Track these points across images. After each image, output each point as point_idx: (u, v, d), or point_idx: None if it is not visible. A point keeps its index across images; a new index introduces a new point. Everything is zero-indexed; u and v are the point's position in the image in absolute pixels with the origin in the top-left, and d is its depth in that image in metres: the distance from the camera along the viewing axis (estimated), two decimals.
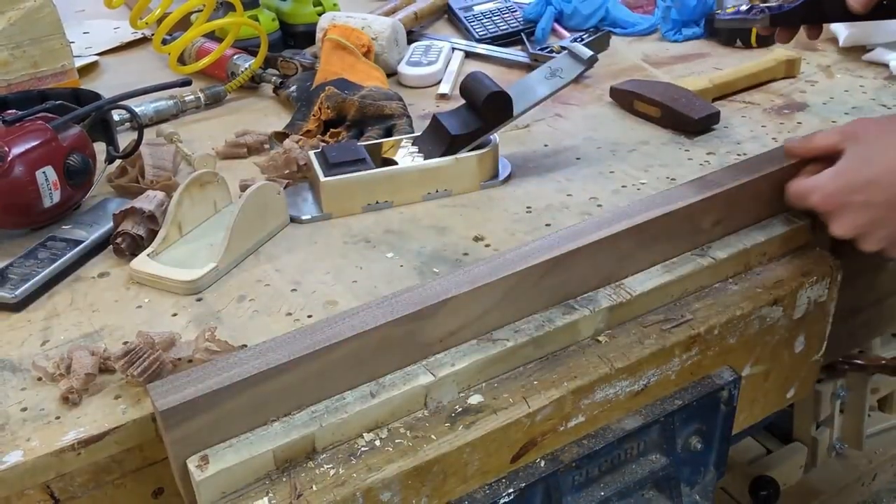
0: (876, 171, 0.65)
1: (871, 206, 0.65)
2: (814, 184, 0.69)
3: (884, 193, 0.65)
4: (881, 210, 0.65)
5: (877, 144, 0.67)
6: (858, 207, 0.66)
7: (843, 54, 1.12)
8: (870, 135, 0.68)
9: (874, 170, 0.65)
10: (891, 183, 0.64)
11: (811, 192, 0.68)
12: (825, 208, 0.68)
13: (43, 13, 1.00)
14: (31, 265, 0.71)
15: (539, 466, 0.62)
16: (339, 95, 0.94)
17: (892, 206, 0.65)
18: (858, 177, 0.66)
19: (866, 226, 0.66)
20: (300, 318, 0.66)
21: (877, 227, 0.66)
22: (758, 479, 1.42)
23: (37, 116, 0.78)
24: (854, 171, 0.66)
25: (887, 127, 0.68)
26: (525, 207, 0.80)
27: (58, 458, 0.54)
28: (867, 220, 0.66)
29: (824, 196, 0.67)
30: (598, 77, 1.09)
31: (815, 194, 0.68)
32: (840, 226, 0.67)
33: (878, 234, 0.66)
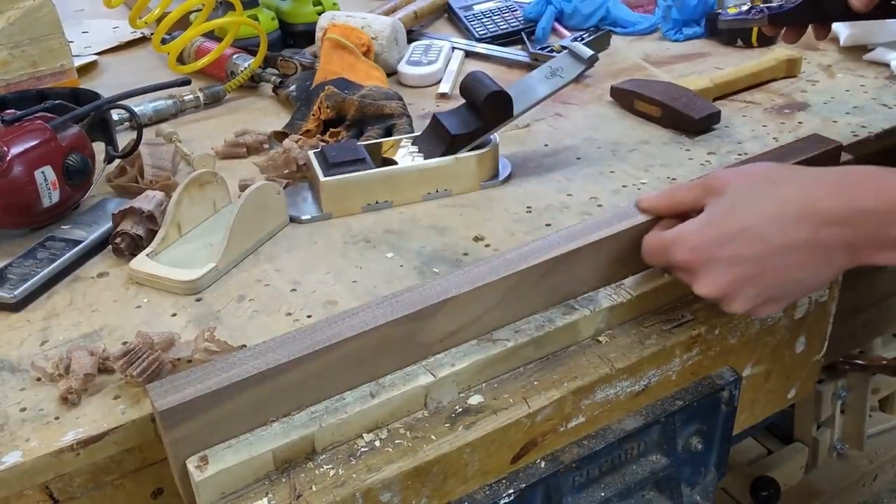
0: (744, 222, 0.58)
1: (740, 262, 0.58)
2: (675, 235, 0.60)
3: (752, 247, 0.57)
4: (751, 265, 0.58)
5: (743, 194, 0.59)
6: (727, 263, 0.58)
7: (844, 54, 1.12)
8: (735, 185, 0.60)
9: (742, 221, 0.58)
10: (760, 236, 0.57)
11: (673, 245, 0.60)
12: (689, 264, 0.59)
13: (42, 12, 1.00)
14: (30, 265, 0.71)
15: (539, 467, 0.62)
16: (339, 95, 0.94)
17: (761, 260, 0.57)
18: (726, 228, 0.58)
19: (734, 283, 0.58)
20: (300, 318, 0.65)
21: (746, 285, 0.58)
22: (758, 479, 1.42)
23: (36, 116, 0.78)
24: (721, 222, 0.58)
25: (752, 176, 0.60)
26: (525, 207, 0.80)
27: (57, 458, 0.54)
28: (736, 276, 0.58)
29: (690, 250, 0.59)
30: (599, 76, 1.09)
31: (678, 247, 0.60)
32: (705, 284, 0.59)
33: (748, 292, 0.59)
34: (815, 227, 0.56)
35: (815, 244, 0.56)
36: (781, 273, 0.58)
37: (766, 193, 0.58)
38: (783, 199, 0.58)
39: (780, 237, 0.57)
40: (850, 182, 0.57)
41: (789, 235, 0.56)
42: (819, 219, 0.56)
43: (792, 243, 0.56)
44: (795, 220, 0.56)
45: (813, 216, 0.56)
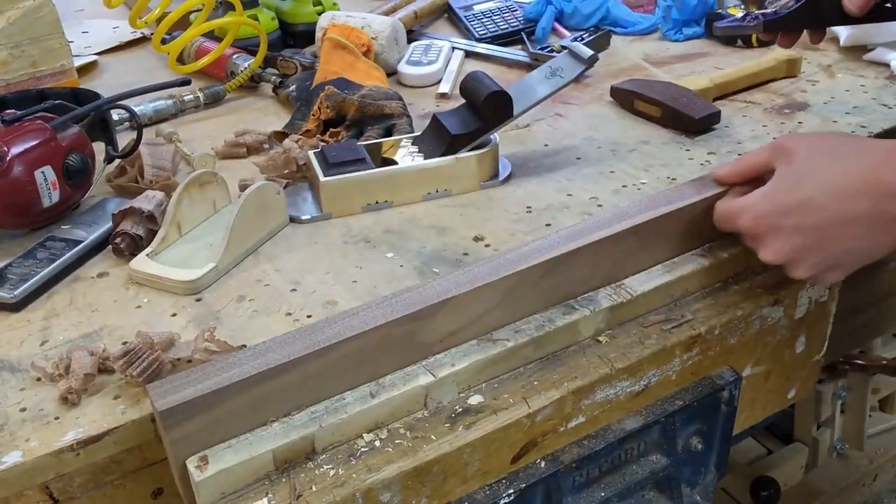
0: (807, 193, 0.60)
1: (801, 231, 0.61)
2: (742, 204, 0.64)
3: (815, 217, 0.60)
4: (812, 235, 0.61)
5: (807, 165, 0.62)
6: (789, 231, 0.61)
7: (844, 54, 1.12)
8: (800, 154, 0.62)
9: (805, 192, 0.60)
10: (822, 206, 0.60)
11: (740, 214, 0.64)
12: (755, 231, 0.63)
13: (42, 12, 1.00)
14: (30, 265, 0.71)
15: (539, 467, 0.62)
16: (339, 95, 0.94)
17: (822, 230, 0.60)
18: (789, 199, 0.61)
19: (797, 251, 0.61)
20: (300, 318, 0.65)
21: (807, 254, 0.61)
22: (758, 479, 1.42)
23: (36, 116, 0.78)
24: (785, 192, 0.61)
25: (818, 146, 0.63)
26: (525, 207, 0.80)
27: (57, 458, 0.54)
28: (798, 244, 0.61)
29: (754, 218, 0.63)
30: (599, 76, 1.09)
31: (745, 216, 0.63)
32: (770, 250, 0.62)
33: (809, 260, 0.62)
34: (875, 199, 0.58)
35: (875, 216, 0.59)
36: (842, 243, 0.60)
37: (830, 164, 0.61)
38: (846, 171, 0.60)
39: (842, 209, 0.59)
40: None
41: (850, 207, 0.59)
42: (880, 192, 0.58)
43: (852, 215, 0.59)
44: (857, 193, 0.59)
45: (874, 189, 0.58)
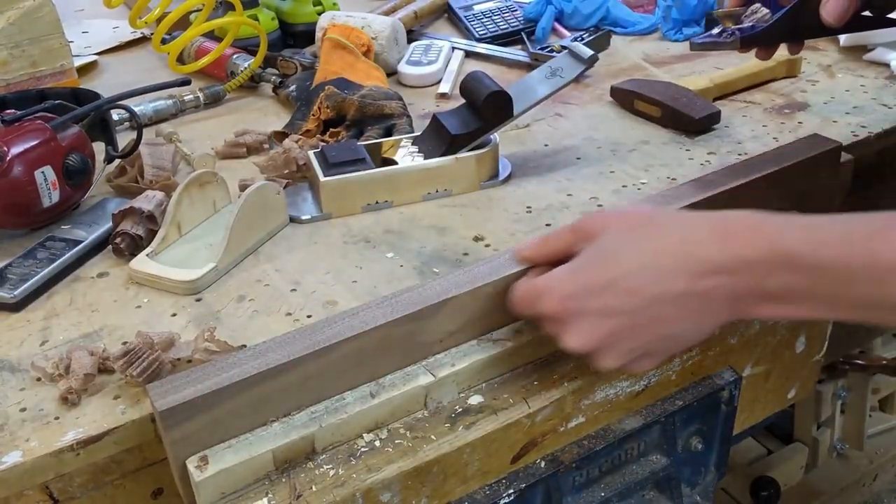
0: (617, 271, 0.53)
1: (611, 314, 0.53)
2: (545, 284, 0.55)
3: (625, 298, 0.52)
4: (623, 319, 0.53)
5: (616, 242, 0.54)
6: (597, 315, 0.53)
7: (844, 54, 1.12)
8: (607, 232, 0.55)
9: (615, 271, 0.53)
10: (633, 286, 0.52)
11: (542, 295, 0.55)
12: (558, 315, 0.54)
13: (42, 12, 1.00)
14: (30, 265, 0.71)
15: (539, 467, 0.62)
16: (339, 95, 0.94)
17: (634, 313, 0.52)
18: (597, 278, 0.53)
19: (606, 338, 0.53)
20: (300, 318, 0.65)
21: (617, 340, 0.53)
22: (758, 479, 1.42)
23: (36, 116, 0.78)
24: (592, 271, 0.54)
25: (627, 222, 0.55)
26: (525, 207, 0.80)
27: (57, 458, 0.54)
28: (607, 330, 0.53)
29: (559, 300, 0.54)
30: (599, 76, 1.09)
31: (547, 297, 0.54)
32: (575, 337, 0.54)
33: (619, 348, 0.54)
34: (693, 277, 0.51)
35: (693, 295, 0.51)
36: (657, 326, 0.53)
37: (642, 240, 0.53)
38: (660, 246, 0.53)
39: (656, 288, 0.52)
40: (730, 229, 0.52)
41: (665, 286, 0.51)
42: (698, 268, 0.51)
43: (668, 294, 0.52)
44: (672, 270, 0.52)
45: (691, 265, 0.51)
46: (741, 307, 0.52)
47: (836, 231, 0.50)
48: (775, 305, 0.51)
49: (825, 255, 0.48)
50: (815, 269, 0.49)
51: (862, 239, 0.48)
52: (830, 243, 0.49)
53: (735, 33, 0.75)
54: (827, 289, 0.49)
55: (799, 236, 0.50)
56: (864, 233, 0.48)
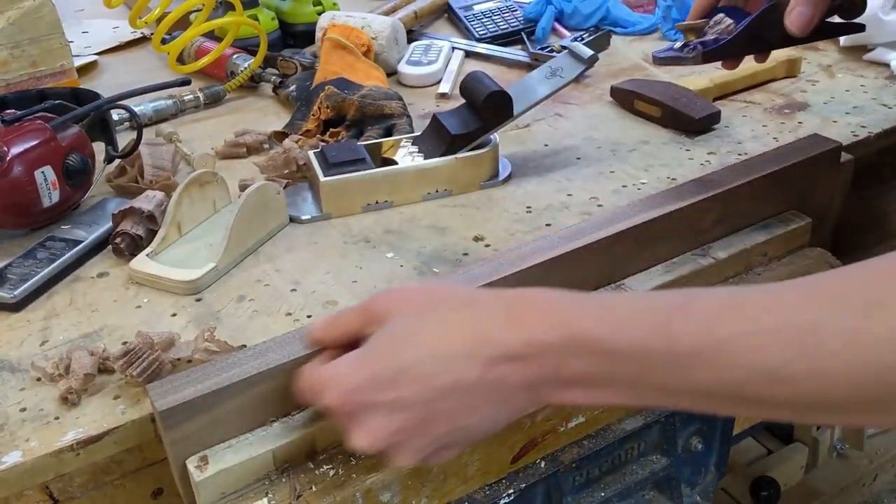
0: (407, 359, 0.47)
1: (402, 408, 0.47)
2: (330, 375, 0.49)
3: (417, 388, 0.47)
4: (415, 411, 0.48)
5: (405, 327, 0.49)
6: (388, 409, 0.47)
7: (844, 54, 1.12)
8: (398, 315, 0.50)
9: (404, 359, 0.48)
10: (425, 375, 0.47)
11: (325, 387, 0.49)
12: (343, 410, 0.49)
13: (42, 12, 1.00)
14: (30, 265, 0.71)
15: (539, 467, 0.62)
16: (339, 95, 0.94)
17: (427, 405, 0.47)
18: (385, 368, 0.48)
19: (398, 433, 0.48)
20: (300, 318, 0.65)
21: (411, 435, 0.48)
22: (758, 479, 1.42)
23: (36, 116, 0.78)
24: (380, 360, 0.48)
25: (418, 301, 0.51)
26: (525, 207, 0.80)
27: (57, 458, 0.54)
28: (399, 425, 0.48)
29: (343, 393, 0.48)
30: (599, 76, 1.09)
31: (332, 390, 0.49)
32: (364, 435, 0.48)
33: (415, 443, 0.49)
34: (486, 364, 0.47)
35: (488, 383, 0.47)
36: (452, 418, 0.48)
37: (433, 324, 0.49)
38: (451, 331, 0.48)
39: (448, 377, 0.47)
40: (524, 311, 0.48)
41: (456, 374, 0.47)
42: (491, 354, 0.47)
43: (460, 383, 0.47)
44: (464, 356, 0.47)
45: (484, 352, 0.47)
46: (541, 393, 0.48)
47: (634, 312, 0.46)
48: (576, 391, 0.47)
49: (623, 338, 0.45)
50: (613, 353, 0.45)
51: (661, 322, 0.44)
52: (629, 326, 0.45)
53: (697, 47, 0.72)
54: (627, 374, 0.45)
55: (597, 318, 0.46)
56: (664, 314, 0.45)
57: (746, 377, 0.42)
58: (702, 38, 0.72)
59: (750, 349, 0.41)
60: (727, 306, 0.44)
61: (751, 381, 0.42)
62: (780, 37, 0.69)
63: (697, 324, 0.43)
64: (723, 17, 0.72)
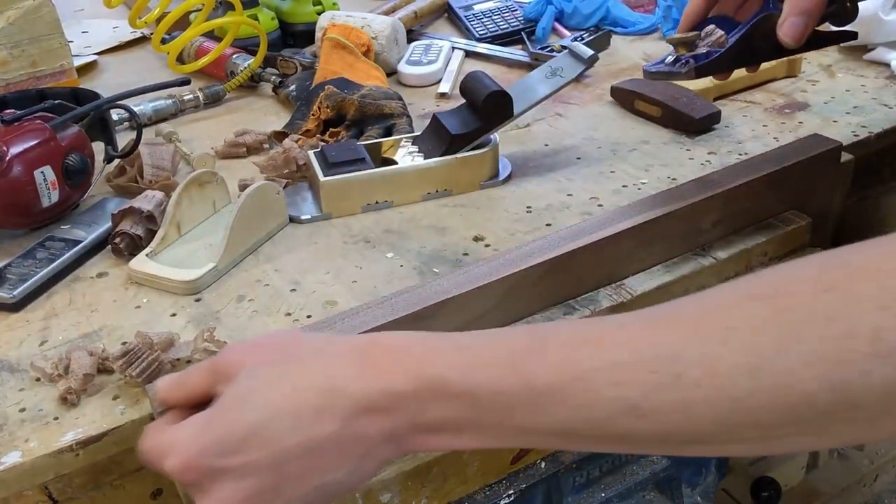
0: (255, 418, 0.44)
1: (253, 472, 0.44)
2: (171, 440, 0.46)
3: (268, 449, 0.44)
4: (269, 475, 0.44)
5: (254, 383, 0.46)
6: (237, 475, 0.44)
7: (845, 53, 1.12)
8: (247, 370, 0.46)
9: (253, 418, 0.44)
10: (273, 436, 0.44)
11: (167, 454, 0.45)
12: (187, 479, 0.45)
13: (42, 12, 1.00)
14: (29, 265, 0.71)
15: (539, 468, 0.62)
16: (339, 95, 0.94)
17: (281, 466, 0.44)
18: (232, 430, 0.44)
19: (249, 500, 0.44)
20: (299, 318, 0.65)
21: (269, 498, 0.45)
22: (759, 480, 1.42)
23: (35, 116, 0.78)
24: (226, 422, 0.45)
25: (266, 355, 0.47)
26: (525, 207, 0.80)
27: (56, 458, 0.54)
28: (251, 491, 0.44)
29: (186, 460, 0.44)
30: (599, 76, 1.09)
31: (172, 457, 0.45)
32: (219, 500, 0.44)
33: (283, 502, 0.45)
34: (342, 417, 0.44)
35: (344, 438, 0.44)
36: (311, 478, 0.45)
37: (282, 378, 0.46)
38: (301, 384, 0.45)
39: (299, 434, 0.44)
40: (376, 358, 0.45)
41: (310, 431, 0.44)
42: (348, 407, 0.44)
43: (314, 440, 0.44)
44: (317, 412, 0.44)
45: (338, 405, 0.44)
46: (403, 442, 0.46)
47: (489, 352, 0.44)
48: (440, 437, 0.45)
49: (479, 379, 0.43)
50: (468, 396, 0.43)
51: (517, 360, 0.43)
52: (484, 366, 0.43)
53: (689, 61, 0.70)
54: (487, 417, 0.43)
55: (451, 360, 0.44)
56: (520, 353, 0.43)
57: (607, 413, 0.40)
58: (693, 52, 0.71)
59: (609, 384, 0.40)
60: (584, 341, 0.42)
61: (612, 417, 0.40)
62: (773, 48, 0.68)
63: (554, 360, 0.42)
64: (714, 29, 0.71)
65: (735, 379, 0.38)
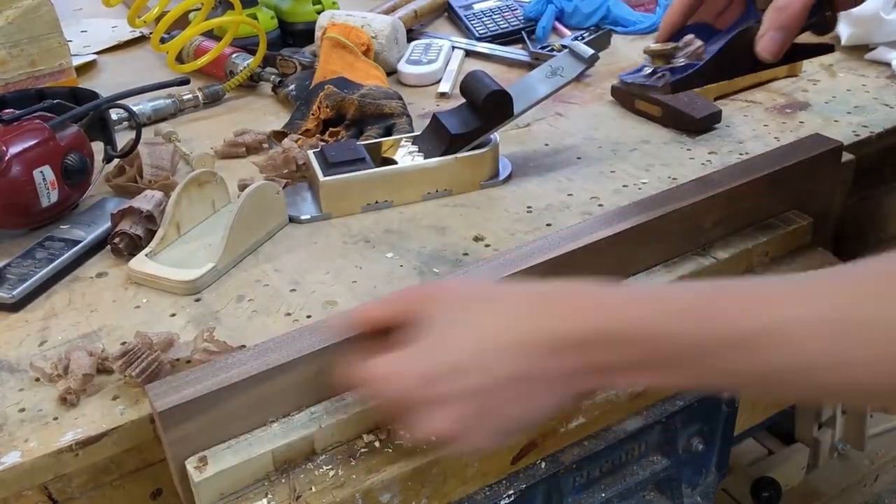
0: (467, 350, 0.50)
1: (462, 399, 0.49)
2: (392, 371, 0.51)
3: (476, 379, 0.49)
4: (475, 403, 0.49)
5: (463, 316, 0.51)
6: (448, 401, 0.49)
7: (846, 53, 1.12)
8: (442, 310, 0.52)
9: (465, 349, 0.50)
10: (486, 366, 0.49)
11: (389, 382, 0.51)
12: (411, 400, 0.50)
13: (41, 12, 1.00)
14: (28, 265, 0.71)
15: (540, 468, 0.62)
16: (339, 94, 0.93)
17: (490, 393, 0.49)
18: (447, 361, 0.50)
19: (465, 420, 0.49)
20: (299, 318, 0.65)
21: (478, 422, 0.50)
22: (759, 480, 1.42)
23: (34, 116, 0.78)
24: (441, 353, 0.50)
25: (460, 298, 0.53)
26: (525, 207, 0.80)
27: (56, 459, 0.54)
28: (465, 413, 0.49)
29: (406, 389, 0.50)
30: (599, 76, 1.08)
31: (395, 385, 0.50)
32: (436, 422, 0.49)
33: (481, 429, 0.50)
34: (540, 354, 0.48)
35: (535, 374, 0.49)
36: (505, 408, 0.50)
37: (488, 315, 0.51)
38: (505, 322, 0.50)
39: (504, 367, 0.49)
40: (569, 301, 0.50)
41: (513, 365, 0.49)
42: (536, 346, 0.48)
43: (516, 374, 0.49)
44: (519, 346, 0.49)
45: (538, 341, 0.48)
46: (603, 377, 0.49)
47: (686, 299, 0.47)
48: (636, 374, 0.48)
49: (676, 322, 0.46)
50: (664, 338, 0.46)
51: (717, 307, 0.46)
52: (679, 311, 0.46)
53: (665, 74, 0.70)
54: (685, 356, 0.46)
55: (646, 306, 0.47)
56: (717, 301, 0.46)
57: (807, 363, 0.43)
58: (671, 65, 0.70)
59: (810, 336, 0.42)
60: (785, 292, 0.45)
61: (812, 368, 0.43)
62: (750, 62, 0.67)
63: (747, 308, 0.44)
64: (693, 39, 0.71)
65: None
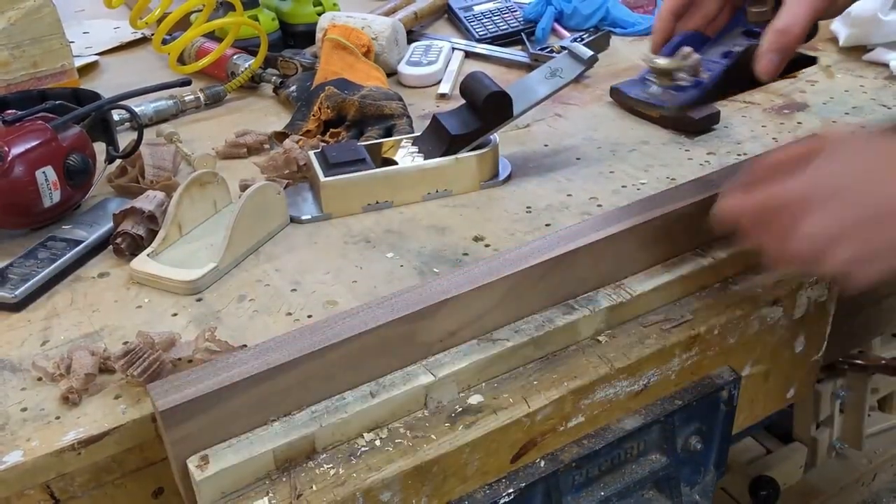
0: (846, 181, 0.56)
1: (851, 204, 0.55)
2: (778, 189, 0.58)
3: (869, 188, 0.56)
4: (862, 209, 0.55)
5: (847, 148, 0.59)
6: (834, 204, 0.55)
7: (844, 54, 1.12)
8: (846, 143, 0.59)
9: (844, 180, 0.56)
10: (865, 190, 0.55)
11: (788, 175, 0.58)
12: (803, 196, 0.57)
13: (43, 13, 1.00)
14: (30, 265, 0.71)
15: (539, 466, 0.62)
16: (339, 95, 0.94)
17: (876, 207, 0.55)
18: (831, 181, 0.56)
19: (841, 227, 0.55)
20: (300, 317, 0.66)
21: (854, 232, 0.55)
22: (758, 478, 1.42)
23: (36, 116, 0.78)
24: (826, 175, 0.57)
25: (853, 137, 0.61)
26: (525, 207, 0.80)
27: (58, 458, 0.54)
28: (843, 218, 0.55)
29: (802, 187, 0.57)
30: (598, 77, 1.09)
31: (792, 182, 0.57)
32: (815, 223, 0.55)
33: (853, 241, 0.55)
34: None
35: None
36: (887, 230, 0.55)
37: (871, 152, 0.58)
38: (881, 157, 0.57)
39: (889, 187, 0.55)
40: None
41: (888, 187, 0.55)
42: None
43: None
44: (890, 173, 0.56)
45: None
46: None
47: None
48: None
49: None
50: None
51: None
52: None
53: (669, 92, 0.71)
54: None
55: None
56: None
57: None
58: (674, 83, 0.72)
59: None
60: None
61: None
62: (749, 81, 0.69)
63: None
64: (690, 53, 0.71)
65: None
